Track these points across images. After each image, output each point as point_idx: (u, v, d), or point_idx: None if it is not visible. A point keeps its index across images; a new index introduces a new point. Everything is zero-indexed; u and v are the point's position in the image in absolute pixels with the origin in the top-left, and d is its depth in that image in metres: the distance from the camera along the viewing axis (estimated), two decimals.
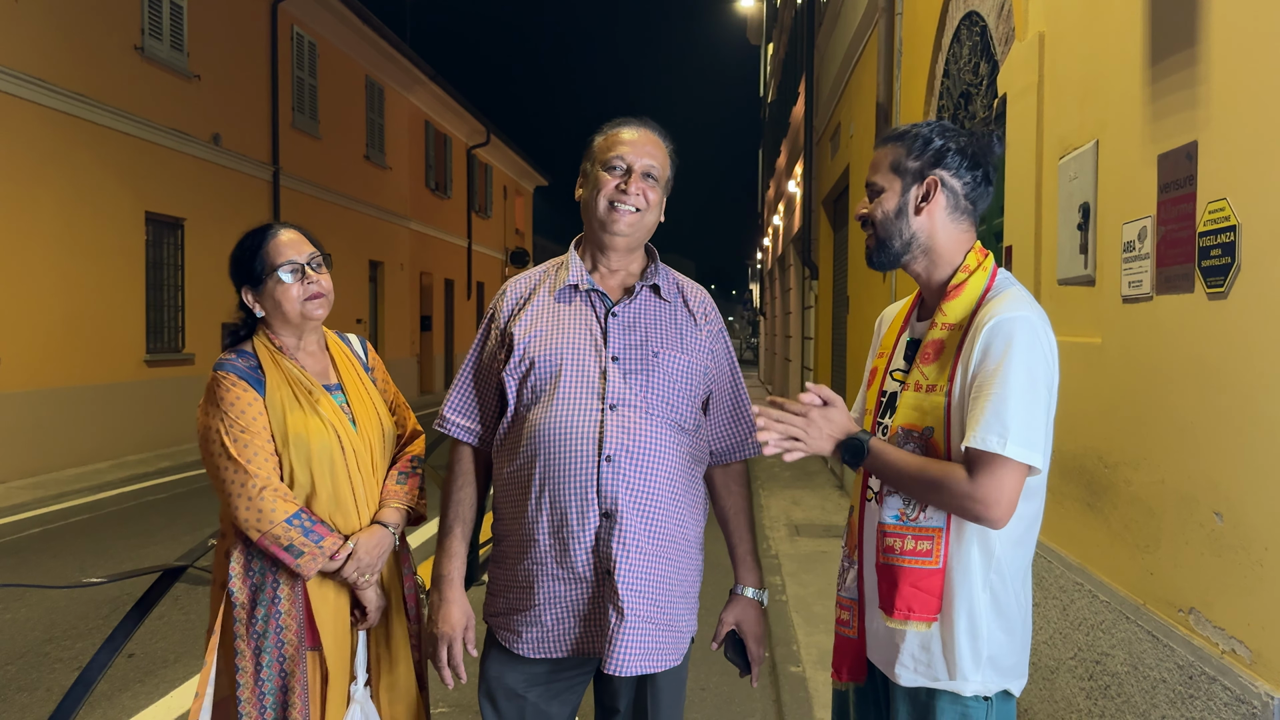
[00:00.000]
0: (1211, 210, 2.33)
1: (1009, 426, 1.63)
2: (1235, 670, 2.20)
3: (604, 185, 2.05)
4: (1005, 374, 1.66)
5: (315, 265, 2.28)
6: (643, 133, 2.10)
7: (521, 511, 2.01)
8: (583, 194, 2.12)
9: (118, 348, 11.35)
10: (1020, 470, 1.66)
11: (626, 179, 2.04)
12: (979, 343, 1.72)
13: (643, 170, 2.06)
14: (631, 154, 2.06)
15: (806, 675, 4.32)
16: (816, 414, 1.77)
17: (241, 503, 2.13)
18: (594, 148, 2.13)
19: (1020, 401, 1.65)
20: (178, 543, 7.08)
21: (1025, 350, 1.68)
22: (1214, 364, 2.33)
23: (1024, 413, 1.65)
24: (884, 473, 1.78)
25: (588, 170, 2.12)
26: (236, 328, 2.34)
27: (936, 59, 5.71)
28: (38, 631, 5.04)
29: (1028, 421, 1.65)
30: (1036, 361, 1.69)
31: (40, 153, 10.00)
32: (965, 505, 1.67)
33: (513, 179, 31.59)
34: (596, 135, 2.14)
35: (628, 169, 2.05)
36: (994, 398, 1.66)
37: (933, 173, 1.84)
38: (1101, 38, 3.06)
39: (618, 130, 2.11)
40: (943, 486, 1.69)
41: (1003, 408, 1.64)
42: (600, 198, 2.05)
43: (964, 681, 1.76)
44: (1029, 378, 1.67)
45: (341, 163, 17.86)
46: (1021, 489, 1.68)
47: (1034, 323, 1.72)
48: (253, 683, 2.17)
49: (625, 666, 1.94)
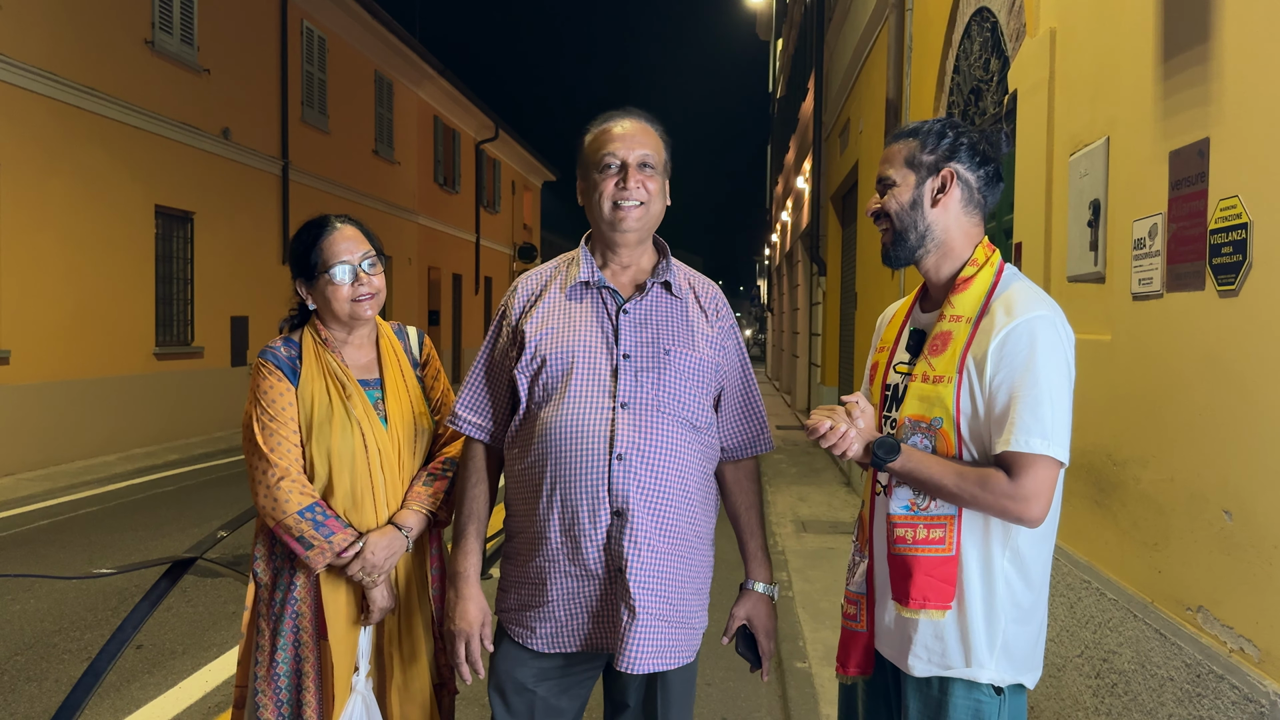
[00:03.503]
0: (1223, 207, 2.31)
1: (1048, 427, 1.68)
2: (1243, 669, 2.19)
3: (603, 186, 2.03)
4: (1035, 376, 1.69)
5: (369, 265, 2.30)
6: (629, 123, 2.07)
7: (533, 509, 2.01)
8: (588, 200, 2.10)
9: (127, 341, 11.39)
10: (1057, 468, 1.71)
11: (624, 175, 2.02)
12: (995, 341, 1.73)
13: (638, 162, 2.04)
14: (623, 148, 2.03)
15: (813, 671, 4.32)
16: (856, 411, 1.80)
17: (261, 489, 2.19)
18: (585, 150, 2.10)
19: (1052, 401, 1.69)
20: (186, 535, 7.11)
21: (1049, 350, 1.71)
22: (1224, 362, 2.32)
23: (1057, 412, 1.69)
24: (916, 475, 1.77)
25: (585, 175, 2.10)
26: (292, 316, 2.39)
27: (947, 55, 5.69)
28: (46, 622, 5.07)
29: (1062, 421, 1.70)
30: (1060, 360, 1.73)
31: (50, 146, 10.03)
32: (1007, 506, 1.70)
33: (521, 174, 31.59)
34: (585, 136, 2.11)
35: (622, 164, 2.03)
36: (1028, 399, 1.69)
37: (948, 165, 1.85)
38: (1113, 34, 3.05)
39: (604, 127, 2.08)
40: (984, 489, 1.71)
41: (1039, 409, 1.68)
42: (603, 200, 2.03)
43: (979, 668, 1.76)
44: (1057, 377, 1.71)
45: (350, 157, 17.88)
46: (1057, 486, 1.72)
47: (1054, 321, 1.75)
48: (269, 664, 2.22)
49: (638, 664, 1.94)
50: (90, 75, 10.59)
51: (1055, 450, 1.68)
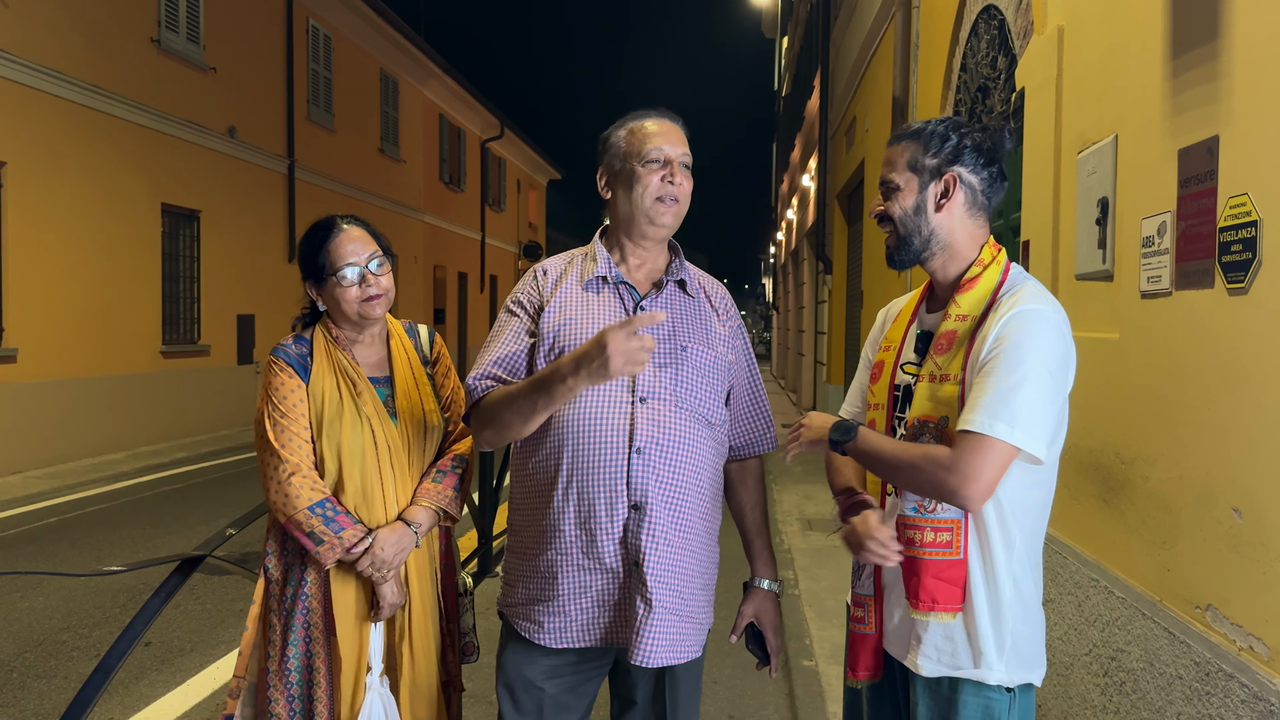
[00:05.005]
0: (1233, 205, 2.31)
1: (1015, 413, 1.63)
2: (1252, 667, 2.19)
3: (648, 180, 2.03)
4: (1005, 360, 1.66)
5: (376, 266, 2.31)
6: (667, 124, 2.09)
7: (546, 502, 2.00)
8: (617, 192, 2.09)
9: (134, 339, 11.42)
10: (1005, 453, 1.64)
11: (670, 171, 2.04)
12: (992, 333, 1.72)
13: (681, 160, 2.07)
14: (669, 145, 2.05)
15: (819, 669, 4.32)
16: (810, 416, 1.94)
17: (272, 485, 2.21)
18: (622, 143, 2.09)
19: (1015, 386, 1.64)
20: (193, 533, 7.13)
21: (1032, 340, 1.67)
22: (1234, 360, 2.32)
23: (1033, 402, 1.64)
24: (869, 453, 1.80)
25: (621, 167, 2.08)
26: (304, 314, 2.42)
27: (954, 53, 5.68)
28: (55, 620, 5.09)
29: (1035, 411, 1.64)
30: (1042, 352, 1.68)
31: (57, 145, 10.06)
32: (941, 479, 1.65)
33: (526, 172, 31.60)
34: (618, 130, 2.12)
35: (667, 161, 2.04)
36: (987, 383, 1.66)
37: (951, 169, 1.84)
38: (1121, 31, 3.04)
39: (643, 123, 2.09)
40: (924, 460, 1.68)
41: (995, 391, 1.64)
42: (647, 194, 2.03)
43: (989, 670, 1.76)
44: (1031, 365, 1.66)
45: (356, 156, 17.91)
46: (1002, 474, 1.66)
47: (1049, 316, 1.72)
48: (280, 659, 2.24)
49: (652, 658, 1.94)
50: (97, 74, 10.61)
51: (1019, 438, 1.62)
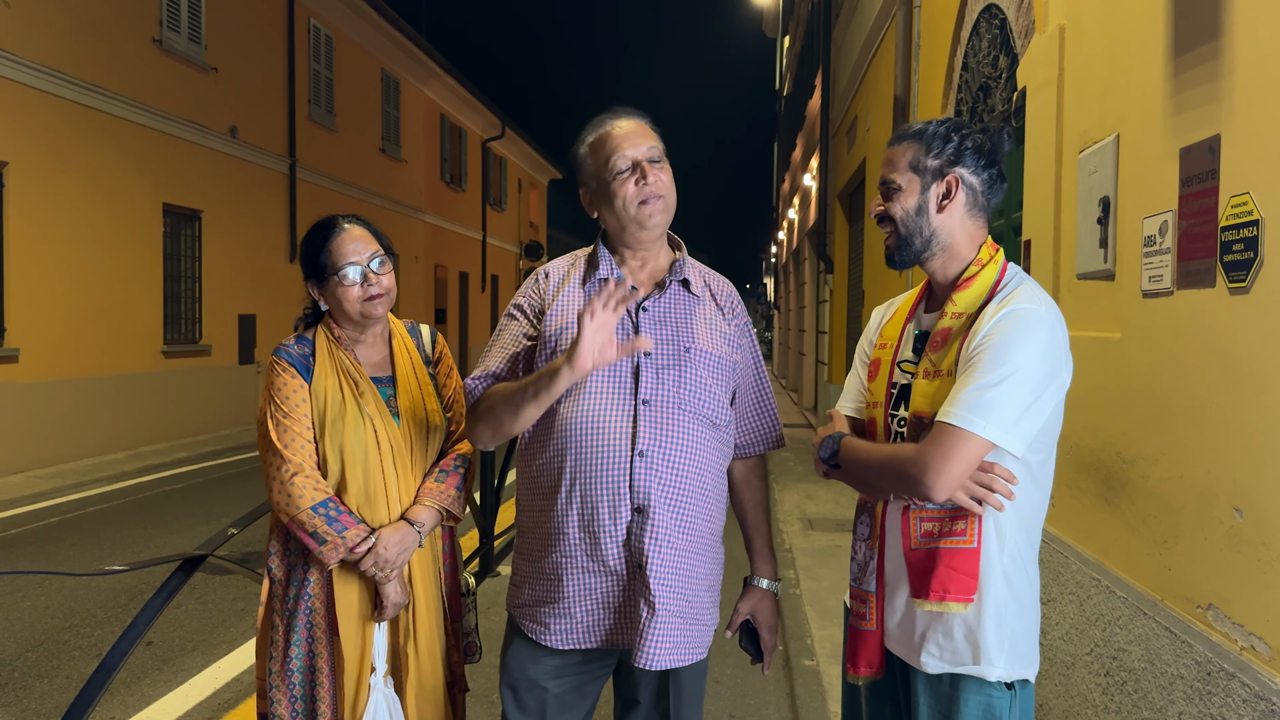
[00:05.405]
0: (1234, 204, 2.31)
1: (973, 401, 1.64)
2: (1254, 666, 2.19)
3: (623, 190, 2.01)
4: (990, 356, 1.67)
5: (378, 265, 2.31)
6: (625, 124, 2.05)
7: (550, 504, 2.00)
8: (601, 209, 2.07)
9: (135, 339, 11.43)
10: (975, 445, 1.64)
11: (640, 173, 2.01)
12: (983, 330, 1.73)
13: (648, 157, 2.03)
14: (631, 148, 2.02)
15: (820, 669, 4.32)
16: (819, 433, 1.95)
17: (275, 485, 2.21)
18: (588, 160, 2.07)
19: (996, 381, 1.65)
20: (195, 532, 7.14)
21: (1020, 337, 1.68)
22: (1235, 359, 2.32)
23: (997, 392, 1.65)
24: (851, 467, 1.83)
25: (596, 186, 2.06)
26: (306, 314, 2.42)
27: (955, 52, 5.68)
28: (57, 619, 5.09)
29: (999, 401, 1.64)
30: (1030, 350, 1.68)
31: (58, 145, 10.06)
32: (905, 471, 1.68)
33: (527, 172, 31.60)
34: (581, 148, 2.09)
35: (634, 163, 2.02)
36: (969, 376, 1.68)
37: (953, 171, 1.84)
38: (1123, 31, 3.04)
39: (601, 133, 2.06)
40: (889, 460, 1.73)
41: (974, 385, 1.66)
42: (628, 204, 2.01)
43: (989, 666, 1.77)
44: (1016, 362, 1.66)
45: (357, 155, 17.91)
46: (973, 467, 1.67)
47: (1042, 315, 1.72)
48: (283, 659, 2.24)
49: (656, 660, 1.94)
50: (98, 74, 10.62)
51: (992, 432, 1.63)
